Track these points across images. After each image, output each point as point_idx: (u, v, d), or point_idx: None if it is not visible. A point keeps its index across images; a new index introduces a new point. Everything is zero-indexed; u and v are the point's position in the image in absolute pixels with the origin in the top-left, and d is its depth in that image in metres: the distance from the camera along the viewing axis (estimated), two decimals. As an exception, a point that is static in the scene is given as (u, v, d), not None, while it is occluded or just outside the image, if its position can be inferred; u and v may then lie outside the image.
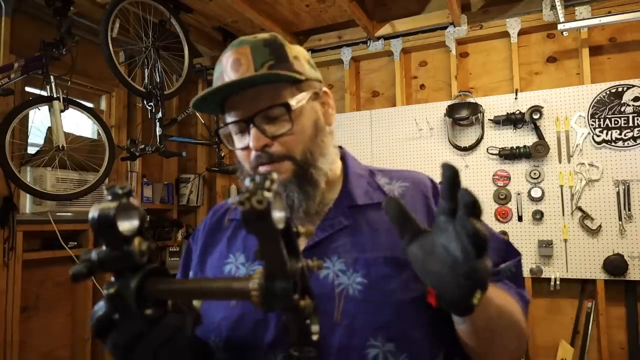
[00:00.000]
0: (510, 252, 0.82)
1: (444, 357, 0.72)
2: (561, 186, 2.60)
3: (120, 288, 0.51)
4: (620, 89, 2.52)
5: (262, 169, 0.75)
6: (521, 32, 2.83)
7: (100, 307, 0.53)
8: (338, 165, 0.84)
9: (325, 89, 0.83)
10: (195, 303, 0.65)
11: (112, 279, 0.52)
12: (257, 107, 0.73)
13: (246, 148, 0.76)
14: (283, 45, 0.77)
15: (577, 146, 2.59)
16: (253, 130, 0.73)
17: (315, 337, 0.53)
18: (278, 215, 0.47)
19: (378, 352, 0.67)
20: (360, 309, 0.68)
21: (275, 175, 0.47)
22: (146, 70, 2.72)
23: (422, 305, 0.67)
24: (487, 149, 2.76)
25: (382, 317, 0.68)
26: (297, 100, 0.75)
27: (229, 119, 0.77)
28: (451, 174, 0.51)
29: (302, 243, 0.75)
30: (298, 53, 0.79)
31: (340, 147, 0.90)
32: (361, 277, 0.71)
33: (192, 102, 0.75)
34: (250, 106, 0.74)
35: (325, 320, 0.68)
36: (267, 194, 0.44)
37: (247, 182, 0.46)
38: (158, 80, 2.70)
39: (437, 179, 0.86)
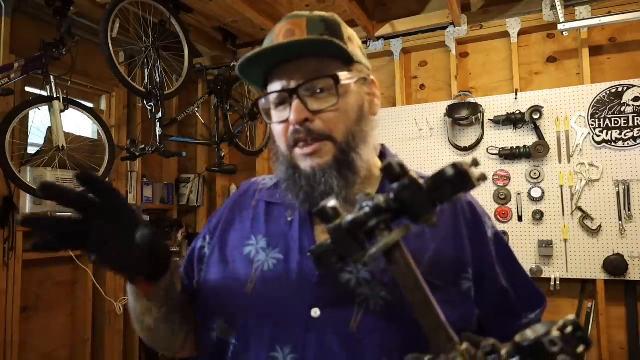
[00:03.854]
0: (538, 299, 0.80)
1: None
2: (561, 186, 2.60)
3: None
4: (620, 89, 2.52)
5: (299, 151, 0.71)
6: (521, 32, 2.83)
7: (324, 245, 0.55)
8: (377, 162, 0.80)
9: (373, 77, 0.79)
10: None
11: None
12: (303, 78, 0.70)
13: (285, 122, 0.72)
14: (340, 25, 0.75)
15: (577, 146, 2.59)
16: (295, 102, 0.69)
17: None
18: None
19: None
20: (379, 326, 0.66)
21: None
22: (146, 70, 2.71)
23: None
24: (487, 149, 2.76)
25: (399, 339, 0.65)
26: (346, 77, 0.72)
27: (271, 89, 0.73)
28: None
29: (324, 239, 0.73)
30: (352, 36, 0.77)
31: (382, 145, 0.85)
32: (385, 293, 0.67)
33: (239, 63, 0.71)
34: (296, 77, 0.70)
35: (340, 328, 0.66)
36: None
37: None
38: (158, 80, 2.69)
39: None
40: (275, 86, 0.72)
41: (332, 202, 0.54)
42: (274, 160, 0.77)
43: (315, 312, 0.67)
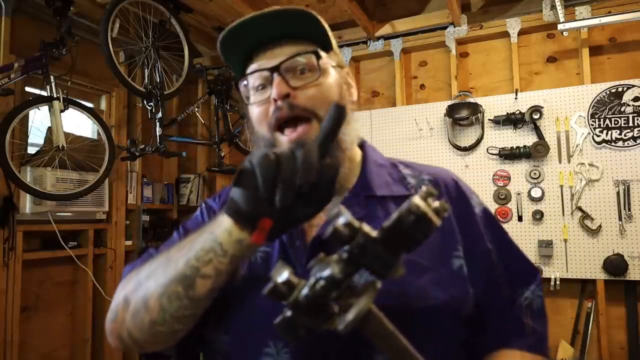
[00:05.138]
0: (531, 273, 0.77)
1: None
2: (561, 186, 2.60)
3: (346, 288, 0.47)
4: (620, 89, 2.52)
5: (285, 138, 0.68)
6: (521, 32, 2.83)
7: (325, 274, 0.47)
8: (357, 152, 0.79)
9: (348, 70, 0.80)
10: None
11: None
12: (283, 57, 0.70)
13: (265, 102, 0.70)
14: (318, 18, 0.75)
15: (577, 146, 2.59)
16: (277, 79, 0.68)
17: None
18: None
19: None
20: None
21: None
22: (146, 70, 2.72)
23: (440, 315, 0.64)
24: (487, 149, 2.76)
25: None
26: (325, 57, 0.72)
27: (251, 71, 0.73)
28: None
29: (312, 232, 0.69)
30: (329, 30, 0.77)
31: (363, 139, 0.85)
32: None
33: (221, 39, 0.71)
34: (276, 58, 0.70)
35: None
36: None
37: None
38: (158, 80, 2.69)
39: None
40: (254, 68, 0.72)
41: (284, 276, 0.48)
42: (254, 148, 0.73)
43: None
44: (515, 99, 2.72)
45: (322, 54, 0.71)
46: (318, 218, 0.71)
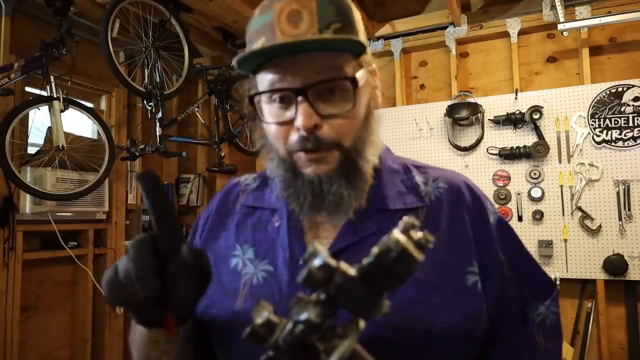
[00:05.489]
0: (546, 288, 0.72)
1: None
2: (561, 186, 2.60)
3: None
4: (620, 89, 2.52)
5: (304, 155, 0.62)
6: (521, 32, 2.83)
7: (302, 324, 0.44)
8: (374, 161, 0.72)
9: (375, 66, 0.70)
10: None
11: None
12: (314, 76, 0.59)
13: (286, 123, 0.62)
14: (350, 8, 0.64)
15: (577, 146, 2.59)
16: (304, 105, 0.59)
17: None
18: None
19: None
20: (379, 335, 0.58)
21: None
22: (146, 70, 2.71)
23: (449, 336, 0.60)
24: (487, 149, 2.76)
25: (403, 348, 0.59)
26: (361, 76, 0.63)
27: (270, 83, 0.62)
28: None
29: (320, 249, 0.66)
30: (360, 20, 0.66)
31: (386, 147, 0.79)
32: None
33: (239, 57, 0.60)
34: (302, 73, 0.59)
35: None
36: None
37: None
38: (158, 80, 2.69)
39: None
40: (274, 80, 0.62)
41: (263, 317, 0.46)
42: (266, 159, 0.69)
43: None
44: (515, 99, 2.72)
45: (358, 74, 0.63)
46: (326, 231, 0.68)
